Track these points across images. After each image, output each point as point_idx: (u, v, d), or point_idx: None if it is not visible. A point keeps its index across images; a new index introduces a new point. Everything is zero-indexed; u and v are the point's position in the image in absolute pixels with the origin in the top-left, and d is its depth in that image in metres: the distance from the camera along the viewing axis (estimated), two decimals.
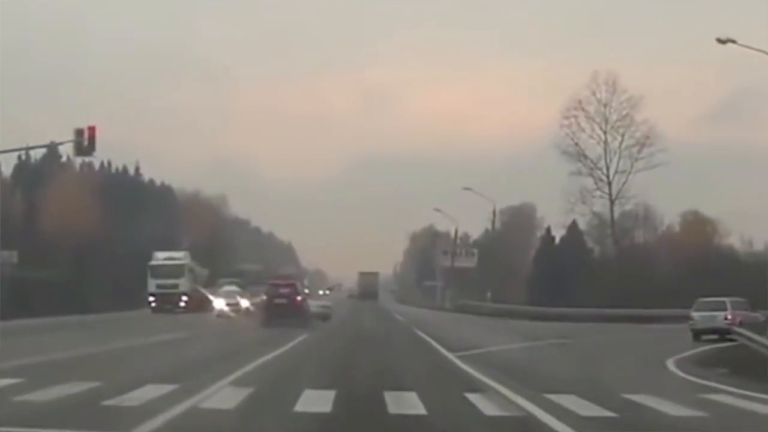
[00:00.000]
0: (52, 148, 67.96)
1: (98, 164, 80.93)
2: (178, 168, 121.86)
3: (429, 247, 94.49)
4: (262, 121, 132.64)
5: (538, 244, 79.29)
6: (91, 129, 37.47)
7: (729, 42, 31.80)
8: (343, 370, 18.74)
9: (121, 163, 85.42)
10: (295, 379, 16.40)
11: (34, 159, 76.57)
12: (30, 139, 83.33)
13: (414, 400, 12.87)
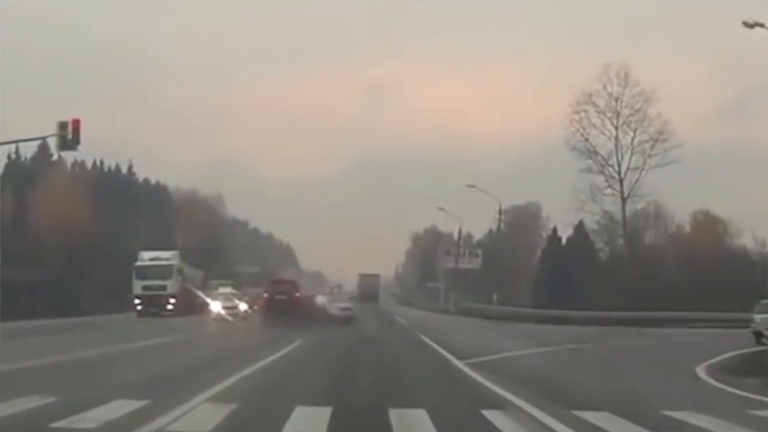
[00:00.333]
0: (43, 146, 66.65)
1: (90, 163, 79.71)
2: (175, 167, 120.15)
3: (431, 248, 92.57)
4: (261, 119, 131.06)
5: (544, 245, 77.41)
6: (76, 122, 35.65)
7: (757, 26, 29.50)
8: (341, 381, 16.64)
9: (113, 161, 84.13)
10: (285, 393, 14.35)
11: (24, 158, 75.14)
12: (18, 136, 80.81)
13: (424, 420, 11.08)
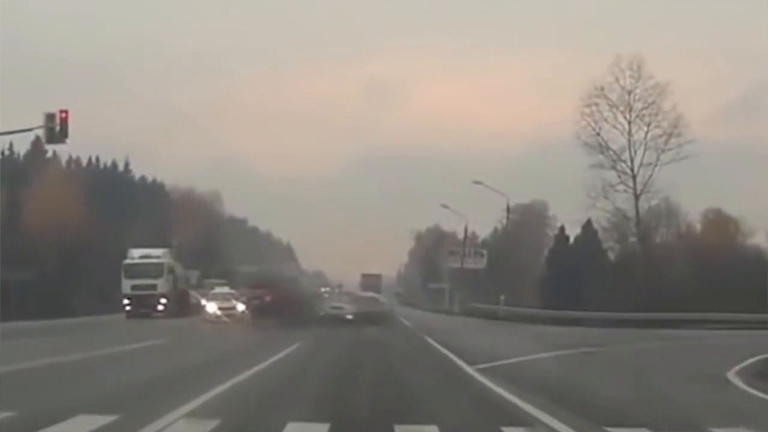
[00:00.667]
0: (37, 142, 65.12)
1: (86, 160, 78.42)
2: (173, 165, 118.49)
3: (435, 247, 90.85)
4: (261, 116, 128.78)
5: (551, 244, 75.61)
6: (63, 113, 34.03)
7: None
8: (340, 391, 14.80)
9: (109, 158, 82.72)
10: (277, 407, 12.62)
11: (18, 154, 73.67)
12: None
13: None
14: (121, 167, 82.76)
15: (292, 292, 48.22)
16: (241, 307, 46.19)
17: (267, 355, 20.55)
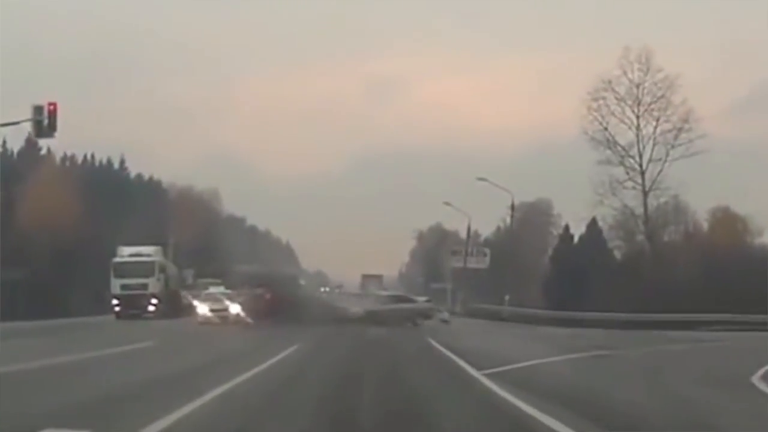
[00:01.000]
0: (31, 139, 63.96)
1: (81, 157, 77.28)
2: (171, 163, 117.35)
3: (436, 246, 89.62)
4: (261, 114, 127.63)
5: (556, 243, 74.38)
6: (52, 106, 32.81)
7: None
8: (337, 404, 13.22)
9: (105, 155, 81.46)
10: (264, 425, 11.22)
11: (11, 151, 72.46)
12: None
13: None
14: (116, 165, 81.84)
15: (292, 292, 47.02)
16: (236, 308, 43.65)
17: (261, 359, 19.17)
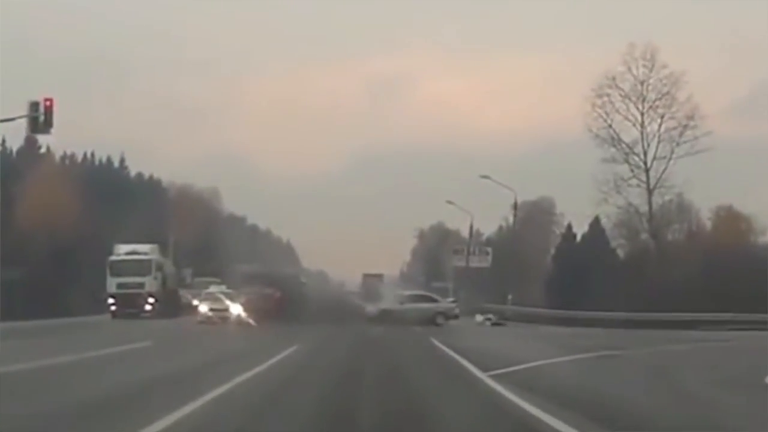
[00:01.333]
0: (30, 137, 63.47)
1: (81, 156, 76.88)
2: (171, 162, 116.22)
3: (438, 245, 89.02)
4: (261, 112, 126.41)
5: (558, 242, 73.80)
6: (48, 101, 32.31)
7: None
8: (336, 411, 12.51)
9: (105, 154, 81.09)
10: (261, 429, 10.66)
11: (11, 150, 72.06)
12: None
13: None
14: (116, 163, 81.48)
15: (298, 291, 46.70)
16: (236, 308, 42.80)
17: (257, 362, 18.53)
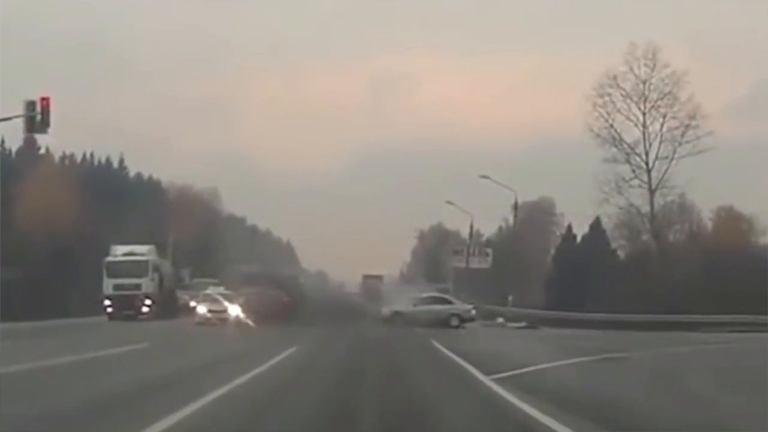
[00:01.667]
0: (29, 138, 63.23)
1: (80, 156, 76.59)
2: (171, 162, 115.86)
3: (438, 246, 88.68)
4: (261, 111, 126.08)
5: (558, 243, 73.47)
6: (45, 100, 31.93)
7: None
8: (335, 415, 12.15)
9: (104, 155, 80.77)
10: None
11: (9, 151, 71.72)
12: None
13: None
14: (116, 164, 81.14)
15: (296, 292, 46.52)
16: (235, 309, 42.40)
17: (254, 365, 18.13)
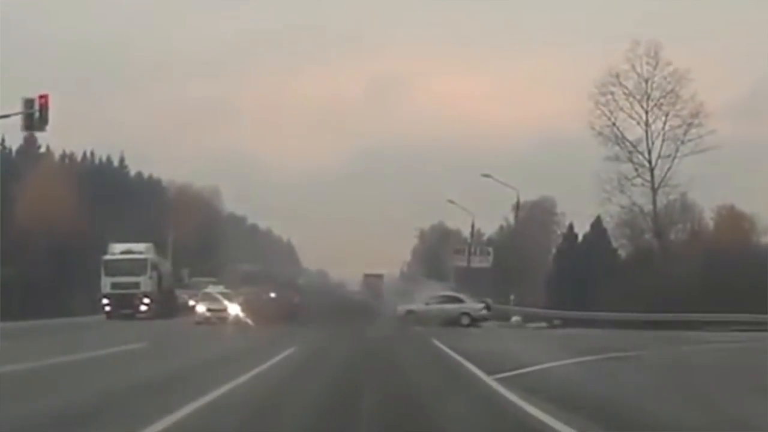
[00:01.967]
0: (30, 136, 63.13)
1: (80, 155, 76.45)
2: (171, 161, 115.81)
3: (439, 245, 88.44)
4: (262, 111, 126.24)
5: (560, 242, 73.24)
6: (43, 98, 31.74)
7: None
8: (335, 413, 11.94)
9: (104, 153, 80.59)
10: None
11: (10, 149, 71.55)
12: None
13: None
14: (116, 163, 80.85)
15: (299, 292, 46.49)
16: (235, 309, 42.29)
17: (249, 367, 17.84)
